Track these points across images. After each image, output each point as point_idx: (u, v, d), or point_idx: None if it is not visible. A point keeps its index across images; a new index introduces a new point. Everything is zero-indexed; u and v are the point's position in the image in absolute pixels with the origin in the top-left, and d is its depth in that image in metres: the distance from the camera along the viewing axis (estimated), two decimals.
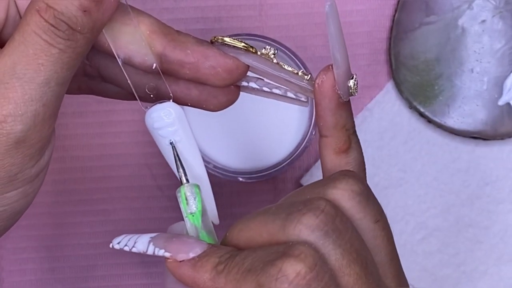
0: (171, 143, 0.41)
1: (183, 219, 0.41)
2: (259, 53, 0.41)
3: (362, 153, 0.41)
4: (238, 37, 0.56)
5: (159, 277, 0.63)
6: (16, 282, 0.63)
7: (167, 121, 0.40)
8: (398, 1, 0.62)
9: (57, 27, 0.36)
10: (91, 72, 0.42)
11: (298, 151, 0.58)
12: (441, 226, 0.62)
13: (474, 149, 0.62)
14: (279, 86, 0.42)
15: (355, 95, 0.39)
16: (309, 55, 0.62)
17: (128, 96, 0.42)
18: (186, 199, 0.40)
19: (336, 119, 0.40)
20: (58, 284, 0.63)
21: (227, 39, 0.40)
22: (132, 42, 0.39)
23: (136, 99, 0.41)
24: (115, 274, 0.63)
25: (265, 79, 0.42)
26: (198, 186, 0.40)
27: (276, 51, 0.41)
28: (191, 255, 0.37)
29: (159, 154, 0.64)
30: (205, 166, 0.42)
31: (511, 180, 0.62)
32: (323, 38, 0.62)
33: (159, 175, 0.63)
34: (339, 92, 0.39)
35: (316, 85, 0.39)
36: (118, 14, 0.39)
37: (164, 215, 0.63)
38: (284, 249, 0.35)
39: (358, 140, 0.41)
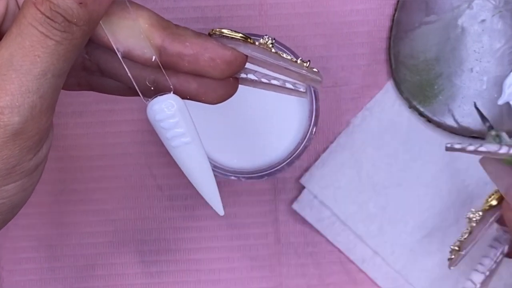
0: None
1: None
2: (257, 43, 0.41)
3: None
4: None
5: (159, 277, 0.63)
6: (16, 281, 0.63)
7: (168, 113, 0.40)
8: (398, 1, 0.62)
9: (53, 19, 0.36)
10: (91, 66, 0.42)
11: (298, 150, 0.58)
12: (441, 226, 0.62)
13: None
14: (277, 77, 0.42)
15: None
16: (309, 55, 0.62)
17: (127, 91, 0.42)
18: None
19: None
20: (58, 283, 0.63)
21: (225, 31, 0.40)
22: (131, 35, 0.39)
23: (135, 94, 0.41)
24: (115, 274, 0.63)
25: (264, 70, 0.42)
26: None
27: (273, 41, 0.41)
28: None
29: (159, 154, 0.65)
30: None
31: None
32: (323, 38, 0.62)
33: (159, 175, 0.63)
34: None
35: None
36: (117, 8, 0.39)
37: (164, 215, 0.63)
38: None
39: None
